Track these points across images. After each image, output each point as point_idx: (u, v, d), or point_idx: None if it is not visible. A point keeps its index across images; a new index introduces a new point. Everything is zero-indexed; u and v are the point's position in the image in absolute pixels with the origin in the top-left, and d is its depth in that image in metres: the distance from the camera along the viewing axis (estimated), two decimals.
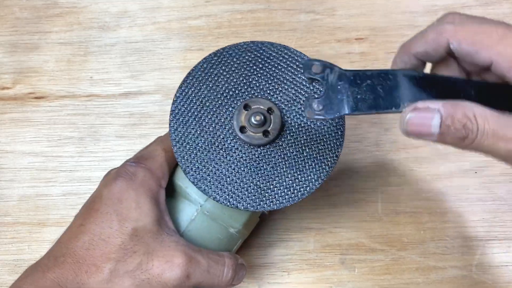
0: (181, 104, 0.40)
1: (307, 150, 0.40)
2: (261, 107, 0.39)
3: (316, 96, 0.33)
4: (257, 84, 0.41)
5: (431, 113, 0.30)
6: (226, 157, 0.39)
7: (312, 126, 0.40)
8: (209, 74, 0.41)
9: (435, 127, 0.30)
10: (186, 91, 0.41)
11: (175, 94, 0.41)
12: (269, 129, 0.39)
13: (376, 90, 0.33)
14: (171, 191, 0.43)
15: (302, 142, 0.40)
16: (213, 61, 0.41)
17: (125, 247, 0.37)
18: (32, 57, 0.56)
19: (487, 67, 0.32)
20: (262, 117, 0.38)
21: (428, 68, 0.36)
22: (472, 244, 0.49)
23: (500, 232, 0.49)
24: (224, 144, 0.40)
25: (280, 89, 0.40)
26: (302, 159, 0.39)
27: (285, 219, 0.50)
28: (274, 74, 0.41)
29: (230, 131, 0.40)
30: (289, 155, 0.40)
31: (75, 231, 0.38)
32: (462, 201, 0.50)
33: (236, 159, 0.39)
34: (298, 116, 0.40)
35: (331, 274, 0.48)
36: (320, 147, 0.40)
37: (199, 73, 0.41)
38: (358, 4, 0.58)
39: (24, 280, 0.36)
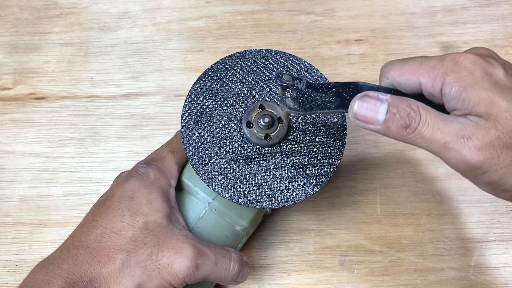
0: (195, 99, 0.42)
1: (308, 156, 0.41)
2: (274, 112, 0.41)
3: (290, 96, 0.36)
4: (268, 90, 0.42)
5: (380, 101, 0.33)
6: (232, 154, 0.41)
7: (316, 134, 0.42)
8: (223, 74, 0.43)
9: (381, 113, 0.33)
10: (200, 87, 0.42)
11: (190, 90, 0.42)
12: (272, 134, 0.41)
13: (342, 95, 0.36)
14: (180, 190, 0.44)
15: (305, 148, 0.41)
16: (228, 63, 0.43)
17: (136, 239, 0.38)
18: (32, 58, 0.56)
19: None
20: (271, 121, 0.40)
21: None
22: (470, 246, 0.49)
23: (497, 234, 0.50)
24: (231, 141, 0.41)
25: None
26: (303, 163, 0.41)
27: (285, 221, 0.50)
28: None
29: (238, 130, 0.41)
30: (291, 158, 0.41)
31: (87, 226, 0.39)
32: (460, 203, 0.50)
33: (240, 156, 0.41)
34: (303, 124, 0.42)
35: (330, 275, 0.48)
36: (321, 155, 0.41)
37: (214, 72, 0.43)
38: (358, 6, 0.58)
39: (39, 273, 0.37)
